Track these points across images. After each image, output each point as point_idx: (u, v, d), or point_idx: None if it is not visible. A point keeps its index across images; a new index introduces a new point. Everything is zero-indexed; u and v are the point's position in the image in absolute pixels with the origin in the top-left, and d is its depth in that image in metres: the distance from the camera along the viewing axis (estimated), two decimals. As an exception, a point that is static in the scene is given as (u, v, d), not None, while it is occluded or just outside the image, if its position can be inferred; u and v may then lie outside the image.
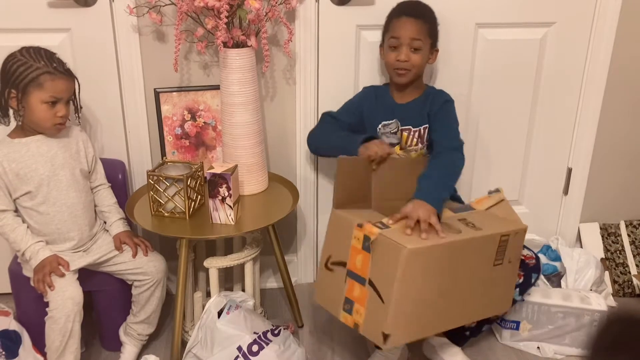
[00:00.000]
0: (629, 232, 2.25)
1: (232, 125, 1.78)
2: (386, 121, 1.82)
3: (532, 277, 1.76)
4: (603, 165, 2.21)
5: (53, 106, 1.58)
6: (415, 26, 1.74)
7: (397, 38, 1.74)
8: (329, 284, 1.57)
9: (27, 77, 1.55)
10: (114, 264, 1.72)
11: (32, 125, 1.61)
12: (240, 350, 1.61)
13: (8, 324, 1.71)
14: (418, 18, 1.75)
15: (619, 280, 2.16)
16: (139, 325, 1.79)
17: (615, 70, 2.07)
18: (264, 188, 1.88)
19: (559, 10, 1.99)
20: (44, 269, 1.59)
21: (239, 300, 1.76)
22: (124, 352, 1.80)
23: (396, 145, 1.81)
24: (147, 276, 1.73)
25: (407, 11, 1.77)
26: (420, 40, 1.74)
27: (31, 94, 1.55)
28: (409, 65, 1.74)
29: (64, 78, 1.59)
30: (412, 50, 1.73)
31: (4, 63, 1.58)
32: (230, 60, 1.72)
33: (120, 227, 1.75)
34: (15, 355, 1.67)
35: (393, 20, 1.78)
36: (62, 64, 1.61)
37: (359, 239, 1.48)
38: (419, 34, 1.73)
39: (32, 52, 1.57)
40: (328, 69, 1.96)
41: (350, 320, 1.52)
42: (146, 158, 1.99)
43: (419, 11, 1.78)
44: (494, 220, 1.62)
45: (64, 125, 1.63)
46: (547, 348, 1.87)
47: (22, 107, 1.57)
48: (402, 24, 1.74)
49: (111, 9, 1.81)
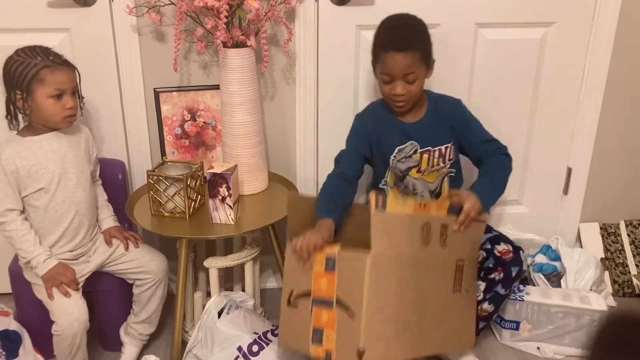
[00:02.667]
0: (628, 232, 2.25)
1: (232, 125, 1.78)
2: (401, 145, 1.72)
3: (512, 271, 1.72)
4: (603, 165, 2.21)
5: (59, 99, 1.57)
6: (407, 60, 1.60)
7: (389, 75, 1.63)
8: (294, 322, 1.52)
9: (27, 75, 1.54)
10: (116, 263, 1.73)
11: (42, 122, 1.60)
12: (240, 351, 1.61)
13: (8, 324, 1.72)
14: (408, 51, 1.60)
15: (618, 280, 2.16)
16: (140, 325, 1.79)
17: (615, 70, 2.07)
18: (264, 188, 1.89)
19: (559, 10, 1.99)
20: (53, 280, 1.59)
21: (239, 300, 1.77)
22: (125, 352, 1.80)
23: (413, 169, 1.74)
24: (149, 275, 1.73)
25: (394, 44, 1.61)
26: (415, 72, 1.62)
27: (35, 90, 1.55)
28: (407, 97, 1.65)
29: (63, 69, 1.58)
30: (407, 82, 1.63)
31: (3, 68, 1.58)
32: (229, 60, 1.72)
33: (110, 222, 1.77)
34: (15, 355, 1.67)
35: (381, 55, 1.64)
36: (59, 56, 1.60)
37: (320, 262, 1.47)
38: (413, 67, 1.61)
39: (27, 50, 1.57)
40: (328, 69, 1.96)
41: (322, 350, 1.45)
42: (146, 158, 1.98)
43: (407, 41, 1.62)
44: (463, 240, 1.60)
45: (75, 117, 1.62)
46: (547, 348, 1.87)
47: (28, 106, 1.57)
48: (392, 61, 1.61)
49: (111, 9, 1.81)
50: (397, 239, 1.45)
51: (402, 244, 1.46)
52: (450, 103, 1.76)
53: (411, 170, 1.75)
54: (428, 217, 1.51)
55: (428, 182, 1.77)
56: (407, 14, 1.69)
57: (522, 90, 2.08)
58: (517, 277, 1.75)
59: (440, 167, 1.75)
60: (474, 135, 1.74)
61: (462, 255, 1.61)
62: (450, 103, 1.76)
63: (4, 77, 1.59)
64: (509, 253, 1.73)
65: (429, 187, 1.78)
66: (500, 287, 1.72)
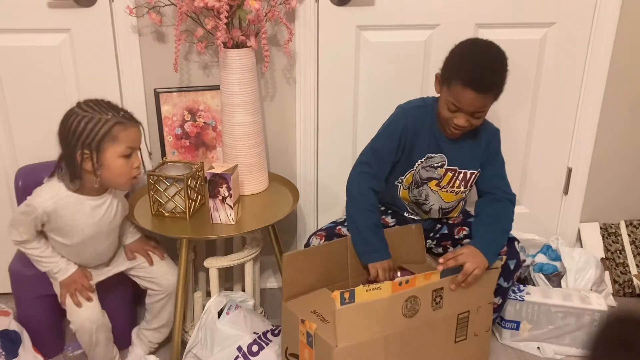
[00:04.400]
0: (629, 232, 2.25)
1: (232, 125, 1.78)
2: (431, 154, 1.68)
3: (509, 264, 1.69)
4: (603, 165, 2.21)
5: (129, 158, 1.49)
6: (483, 102, 1.54)
7: (457, 107, 1.55)
8: None
9: (99, 133, 1.42)
10: (134, 269, 1.75)
11: (106, 183, 1.52)
12: (240, 351, 1.61)
13: (8, 324, 1.71)
14: (488, 94, 1.53)
15: (619, 280, 2.16)
16: (150, 333, 1.80)
17: (615, 70, 2.07)
18: (264, 188, 1.89)
19: (559, 11, 1.99)
20: (69, 287, 1.60)
21: (239, 300, 1.76)
22: (132, 353, 1.81)
23: (434, 180, 1.72)
24: (160, 287, 1.74)
25: (477, 85, 1.50)
26: (484, 111, 1.57)
27: (107, 150, 1.44)
28: (467, 129, 1.59)
29: (134, 125, 1.49)
30: (473, 117, 1.57)
31: (64, 122, 1.45)
32: (230, 61, 1.72)
33: (128, 238, 1.75)
34: (15, 355, 1.67)
35: (457, 86, 1.52)
36: (127, 112, 1.51)
37: (303, 333, 1.47)
38: (484, 107, 1.56)
39: (93, 104, 1.46)
40: (328, 69, 1.96)
41: None
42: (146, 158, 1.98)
43: (491, 86, 1.53)
44: (467, 292, 1.54)
45: (138, 178, 1.55)
46: (547, 348, 1.87)
47: (98, 166, 1.45)
48: (467, 99, 1.52)
49: (111, 10, 1.81)
50: (371, 326, 1.42)
51: (378, 329, 1.43)
52: (490, 131, 1.71)
53: (431, 181, 1.72)
54: (413, 290, 1.46)
55: (444, 200, 1.75)
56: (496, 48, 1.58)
57: (522, 90, 2.08)
58: (517, 268, 1.73)
59: (460, 191, 1.73)
60: (494, 168, 1.71)
61: (469, 306, 1.57)
62: (490, 131, 1.71)
63: (63, 134, 1.45)
64: None
65: (441, 205, 1.76)
66: (502, 280, 1.72)
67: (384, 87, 1.98)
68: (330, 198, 2.12)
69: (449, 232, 1.81)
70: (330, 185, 2.10)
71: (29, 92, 1.85)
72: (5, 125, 1.88)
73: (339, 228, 1.74)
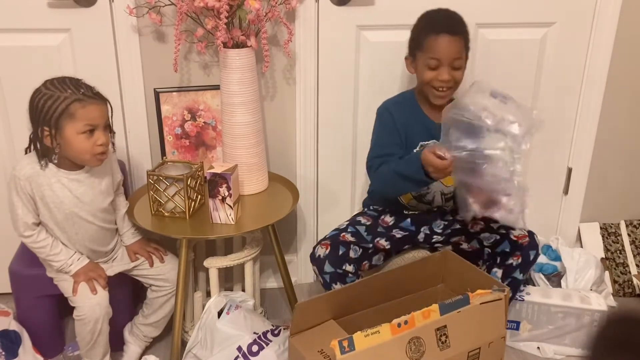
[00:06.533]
0: (629, 232, 2.25)
1: (232, 125, 1.78)
2: (424, 142, 1.72)
3: (530, 255, 1.70)
4: (603, 165, 2.21)
5: (91, 135, 1.49)
6: (457, 45, 1.64)
7: (437, 59, 1.63)
8: None
9: (57, 110, 1.45)
10: (137, 269, 1.75)
11: (71, 159, 1.53)
12: (240, 351, 1.61)
13: (8, 324, 1.72)
14: (458, 35, 1.64)
15: (619, 280, 2.16)
16: (146, 327, 1.80)
17: (615, 70, 2.07)
18: (264, 188, 1.88)
19: (559, 10, 1.99)
20: (85, 275, 1.60)
21: (239, 300, 1.76)
22: (127, 352, 1.80)
23: None
24: (168, 283, 1.74)
25: (446, 28, 1.63)
26: (462, 58, 1.65)
27: (65, 127, 1.46)
28: (452, 84, 1.66)
29: (95, 103, 1.49)
30: (453, 69, 1.64)
31: (30, 101, 1.49)
32: (230, 61, 1.72)
33: (130, 238, 1.76)
34: (15, 355, 1.67)
35: (430, 38, 1.64)
36: (90, 89, 1.51)
37: None
38: (460, 52, 1.64)
39: (57, 82, 1.48)
40: (328, 69, 1.96)
41: None
42: (146, 158, 1.99)
43: (458, 25, 1.66)
44: (474, 327, 1.47)
45: (106, 154, 1.55)
46: (547, 348, 1.87)
47: (57, 143, 1.48)
48: (442, 45, 1.62)
49: (111, 10, 1.81)
50: None
51: None
52: None
53: None
54: (414, 331, 1.39)
55: (445, 184, 1.76)
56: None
57: (522, 90, 2.07)
58: (534, 261, 1.73)
59: None
60: None
61: (479, 342, 1.50)
62: None
63: (30, 112, 1.49)
64: (525, 237, 1.73)
65: (442, 190, 1.77)
66: (518, 272, 1.71)
67: (384, 87, 1.98)
68: (330, 198, 2.12)
69: (461, 226, 1.79)
70: (330, 185, 2.10)
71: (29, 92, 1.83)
72: (5, 125, 1.88)
73: (343, 235, 1.72)
